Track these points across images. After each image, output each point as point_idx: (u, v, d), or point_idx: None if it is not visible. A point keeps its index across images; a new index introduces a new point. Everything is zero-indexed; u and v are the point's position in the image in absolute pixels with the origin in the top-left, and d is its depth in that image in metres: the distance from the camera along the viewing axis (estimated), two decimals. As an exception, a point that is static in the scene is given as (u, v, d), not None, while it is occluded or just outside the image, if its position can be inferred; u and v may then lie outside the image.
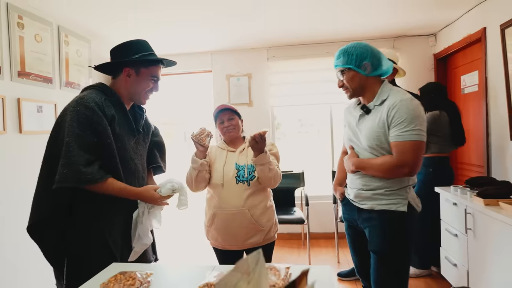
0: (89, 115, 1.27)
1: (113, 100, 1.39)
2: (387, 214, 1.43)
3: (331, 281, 1.11)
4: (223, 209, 1.78)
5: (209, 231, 1.88)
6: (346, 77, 1.50)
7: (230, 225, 1.78)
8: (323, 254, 3.46)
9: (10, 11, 2.30)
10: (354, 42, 1.50)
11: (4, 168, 2.25)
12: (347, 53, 1.48)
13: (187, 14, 2.76)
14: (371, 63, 1.45)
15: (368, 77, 1.48)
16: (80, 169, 1.22)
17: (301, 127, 5.96)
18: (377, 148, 1.42)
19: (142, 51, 1.44)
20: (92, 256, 1.31)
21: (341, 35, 3.61)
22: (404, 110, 1.34)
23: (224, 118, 1.89)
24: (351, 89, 1.51)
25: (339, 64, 1.51)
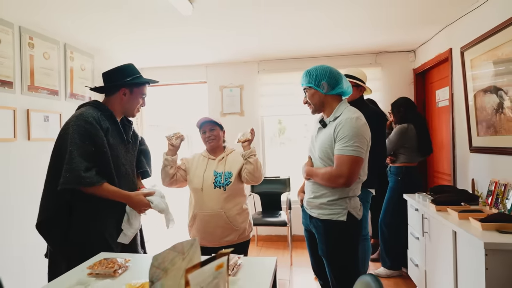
0: (88, 128, 1.54)
1: (107, 115, 1.66)
2: (329, 223, 1.66)
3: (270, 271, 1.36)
4: (202, 211, 2.04)
5: (191, 230, 2.14)
6: (308, 94, 1.75)
7: (208, 225, 2.04)
8: (305, 255, 3.68)
9: (22, 33, 2.62)
10: (317, 65, 1.75)
11: (14, 171, 2.55)
12: (309, 74, 1.73)
13: (185, 31, 3.04)
14: (327, 83, 1.69)
15: (326, 95, 1.71)
16: (81, 174, 1.48)
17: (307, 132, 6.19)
18: (325, 159, 1.67)
19: (134, 74, 1.76)
20: (94, 248, 1.56)
21: (327, 50, 3.87)
22: (347, 128, 1.58)
23: (206, 129, 2.16)
24: (312, 104, 1.75)
25: (303, 82, 1.76)
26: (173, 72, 4.40)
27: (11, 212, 2.51)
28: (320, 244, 1.72)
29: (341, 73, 1.75)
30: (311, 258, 1.95)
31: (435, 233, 2.24)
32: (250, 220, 2.22)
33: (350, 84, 1.76)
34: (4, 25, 2.46)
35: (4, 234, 2.46)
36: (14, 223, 2.54)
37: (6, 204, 2.48)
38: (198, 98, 4.62)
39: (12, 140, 2.51)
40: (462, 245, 1.85)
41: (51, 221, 1.57)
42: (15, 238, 2.55)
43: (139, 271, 1.38)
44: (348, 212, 1.64)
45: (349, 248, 1.67)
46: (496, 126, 2.29)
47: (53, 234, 1.58)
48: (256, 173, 2.03)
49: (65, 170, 1.48)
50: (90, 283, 1.25)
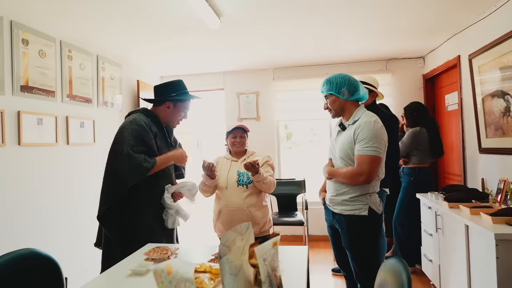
0: (140, 131, 1.79)
1: (155, 121, 1.92)
2: (352, 218, 1.83)
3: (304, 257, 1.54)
4: (227, 207, 2.25)
5: (216, 224, 2.35)
6: (329, 101, 1.92)
7: (233, 219, 2.24)
8: (321, 254, 3.86)
9: (63, 46, 2.86)
10: (336, 73, 1.93)
11: (56, 173, 2.78)
12: (329, 82, 1.91)
13: (208, 41, 3.26)
14: (348, 90, 1.87)
15: (346, 101, 1.89)
16: (142, 165, 1.73)
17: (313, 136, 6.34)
18: (346, 159, 1.85)
19: (180, 90, 2.00)
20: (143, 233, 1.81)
21: (339, 58, 4.07)
22: (366, 130, 1.75)
23: (237, 134, 2.37)
24: (333, 110, 1.93)
25: (324, 90, 1.94)
26: (192, 80, 4.61)
27: (55, 212, 2.73)
28: (343, 237, 1.90)
29: (358, 80, 1.93)
30: (335, 251, 2.12)
31: (448, 229, 2.40)
32: (270, 217, 2.41)
33: (366, 90, 1.94)
34: (48, 40, 2.71)
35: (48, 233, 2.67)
36: (59, 222, 2.75)
37: (51, 202, 2.70)
38: (216, 104, 4.84)
39: (54, 145, 2.74)
40: (474, 237, 2.01)
41: (109, 213, 1.79)
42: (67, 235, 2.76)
43: (187, 257, 1.57)
44: (369, 207, 1.82)
45: (371, 240, 1.84)
46: (504, 128, 2.45)
47: (110, 224, 1.80)
48: (263, 189, 2.25)
49: (131, 168, 1.72)
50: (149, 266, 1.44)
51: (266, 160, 2.38)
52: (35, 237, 2.55)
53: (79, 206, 2.97)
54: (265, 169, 2.31)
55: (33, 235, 2.53)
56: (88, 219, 2.92)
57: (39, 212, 2.60)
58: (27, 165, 2.50)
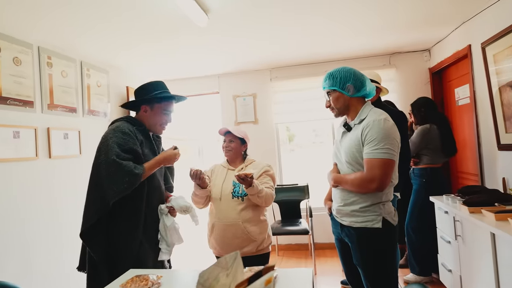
0: (126, 138, 1.62)
1: (141, 129, 1.74)
2: (363, 231, 1.59)
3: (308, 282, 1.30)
4: (220, 220, 2.02)
5: (210, 240, 2.12)
6: (332, 97, 1.68)
7: (226, 234, 2.02)
8: (329, 263, 3.61)
9: (41, 53, 2.66)
10: (339, 67, 1.70)
11: (38, 190, 2.56)
12: (332, 77, 1.66)
13: (198, 41, 3.04)
14: (353, 85, 1.63)
15: (351, 98, 1.66)
16: (134, 172, 1.55)
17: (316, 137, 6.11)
18: (353, 163, 1.61)
19: (156, 90, 1.77)
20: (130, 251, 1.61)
21: (339, 54, 3.84)
22: (375, 130, 1.52)
23: (226, 139, 2.18)
24: (336, 108, 1.69)
25: (326, 86, 1.70)
26: (185, 84, 4.42)
27: (37, 229, 2.51)
28: (355, 253, 1.66)
29: (363, 74, 1.70)
30: (344, 268, 1.87)
31: (470, 236, 2.15)
32: (269, 232, 2.16)
33: (373, 85, 1.71)
34: (24, 46, 2.51)
35: (31, 252, 2.46)
36: (42, 240, 2.53)
37: (31, 222, 2.48)
38: (211, 108, 4.62)
39: (34, 159, 2.53)
40: (503, 247, 1.76)
41: (93, 229, 1.59)
42: (43, 253, 2.54)
43: (172, 286, 1.34)
44: (383, 218, 1.58)
45: (387, 256, 1.60)
46: (526, 122, 2.21)
47: (95, 242, 1.60)
48: (259, 203, 2.01)
49: (120, 177, 1.52)
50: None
51: (265, 170, 2.14)
52: (16, 258, 2.33)
53: (64, 225, 2.75)
54: (263, 180, 2.08)
55: (14, 255, 2.32)
56: (73, 238, 2.66)
57: (20, 231, 2.38)
58: (3, 182, 2.28)
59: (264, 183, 2.06)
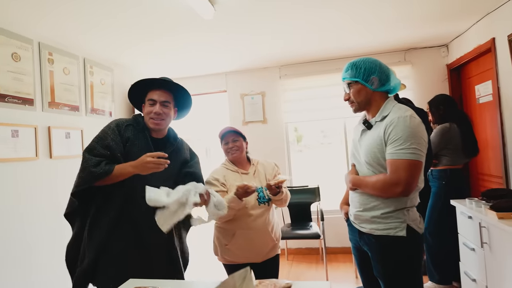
0: (108, 132, 1.54)
1: (137, 127, 1.60)
2: (386, 240, 1.43)
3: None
4: (247, 229, 1.87)
5: (224, 249, 1.93)
6: (353, 90, 1.52)
7: (253, 242, 1.89)
8: (341, 269, 3.44)
9: (42, 49, 2.56)
10: (363, 57, 1.55)
11: (38, 192, 2.46)
12: (355, 67, 1.51)
13: (205, 37, 2.92)
14: (379, 78, 1.48)
15: (374, 92, 1.50)
16: (91, 170, 1.42)
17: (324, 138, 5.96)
18: (374, 164, 1.45)
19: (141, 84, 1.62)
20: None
21: (351, 51, 3.68)
22: (400, 128, 1.36)
23: (229, 139, 1.99)
24: (357, 102, 1.53)
25: (347, 77, 1.54)
26: (191, 83, 4.29)
27: (39, 233, 2.41)
28: (375, 263, 1.50)
29: (389, 68, 1.55)
30: (362, 278, 1.71)
31: (498, 244, 1.97)
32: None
33: (399, 80, 1.55)
34: (23, 42, 2.41)
35: (32, 257, 2.36)
36: (44, 245, 2.43)
37: (31, 226, 2.38)
38: (219, 108, 4.49)
39: (34, 159, 2.43)
40: (540, 258, 1.59)
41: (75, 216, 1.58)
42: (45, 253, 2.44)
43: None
44: (408, 225, 1.42)
45: (411, 268, 1.44)
46: (561, 120, 2.02)
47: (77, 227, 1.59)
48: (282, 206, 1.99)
49: (79, 171, 1.47)
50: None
51: (276, 170, 2.06)
52: (17, 262, 2.23)
53: (66, 229, 2.62)
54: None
55: (15, 260, 2.22)
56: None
57: (20, 235, 2.28)
58: (1, 184, 2.19)
59: None
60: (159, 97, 1.58)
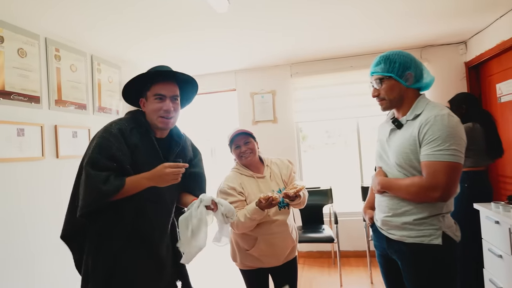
0: (111, 141, 1.29)
1: (141, 130, 1.38)
2: (419, 248, 1.32)
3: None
4: (269, 234, 1.79)
5: (245, 254, 1.84)
6: (385, 86, 1.41)
7: (276, 246, 1.83)
8: (355, 274, 3.32)
9: (49, 45, 2.48)
10: (395, 50, 1.43)
11: (44, 192, 2.37)
12: (389, 60, 1.39)
13: (215, 33, 2.82)
14: (414, 74, 1.37)
15: (408, 89, 1.39)
16: (100, 187, 1.22)
17: (328, 138, 5.86)
18: (406, 166, 1.34)
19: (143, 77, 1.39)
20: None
21: (365, 48, 3.56)
22: (438, 127, 1.25)
23: (241, 142, 1.84)
24: (388, 99, 1.41)
25: (378, 71, 1.42)
26: (200, 81, 4.16)
27: (43, 235, 2.33)
28: (407, 274, 1.39)
29: (422, 63, 1.44)
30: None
31: (531, 252, 1.85)
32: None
33: (433, 77, 1.44)
34: (30, 37, 2.32)
35: (36, 260, 2.27)
36: (47, 243, 2.35)
37: (36, 227, 2.29)
38: (228, 107, 4.40)
39: (40, 159, 2.34)
40: None
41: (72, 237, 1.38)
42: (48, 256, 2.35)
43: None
44: (443, 233, 1.31)
45: (447, 279, 1.32)
46: None
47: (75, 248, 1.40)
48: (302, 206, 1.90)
49: (85, 190, 1.24)
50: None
51: (291, 168, 1.95)
52: (19, 266, 2.14)
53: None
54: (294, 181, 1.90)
55: (17, 264, 2.13)
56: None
57: (24, 237, 2.19)
58: (4, 183, 2.10)
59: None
60: (168, 92, 1.38)
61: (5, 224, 2.08)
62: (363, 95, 3.72)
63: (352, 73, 3.76)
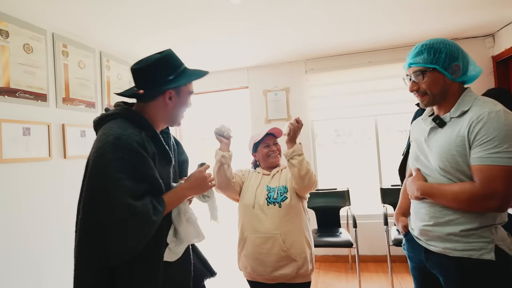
0: (135, 160, 1.06)
1: (149, 134, 1.16)
2: (466, 264, 1.15)
3: None
4: (253, 233, 1.68)
5: (240, 258, 1.76)
6: (427, 79, 1.24)
7: (260, 250, 1.65)
8: (375, 280, 3.16)
9: (56, 40, 2.37)
10: (438, 38, 1.26)
11: (51, 194, 2.28)
12: (433, 50, 1.21)
13: (227, 26, 2.69)
14: (461, 65, 1.21)
15: (452, 83, 1.23)
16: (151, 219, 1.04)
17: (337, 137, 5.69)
18: (451, 170, 1.18)
19: (178, 67, 1.25)
20: None
21: (384, 42, 3.38)
22: (493, 125, 1.08)
23: (270, 142, 1.86)
24: (432, 94, 1.25)
25: (420, 62, 1.25)
26: (211, 79, 4.06)
27: (51, 239, 2.23)
28: None
29: None
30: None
31: None
32: (313, 251, 1.76)
33: (480, 68, 1.27)
34: (36, 32, 2.22)
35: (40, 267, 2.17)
36: (51, 248, 2.25)
37: (43, 228, 2.19)
38: (239, 105, 4.26)
39: (46, 159, 2.24)
40: None
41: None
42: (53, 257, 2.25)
43: None
44: (496, 246, 1.14)
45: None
46: None
47: None
48: (301, 178, 1.63)
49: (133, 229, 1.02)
50: None
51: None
52: (25, 273, 2.04)
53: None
54: None
55: (23, 275, 2.03)
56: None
57: (29, 241, 2.10)
58: (9, 185, 2.00)
59: None
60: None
61: (9, 228, 1.99)
62: (382, 91, 3.54)
63: (371, 69, 3.58)
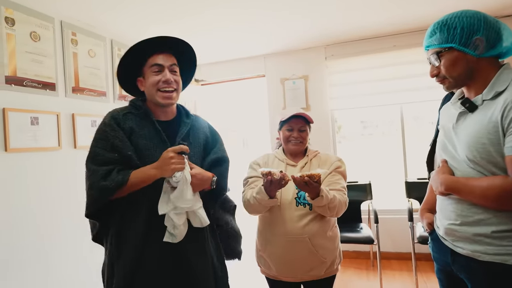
0: (106, 130, 1.21)
1: (138, 113, 1.27)
2: (499, 270, 0.99)
3: None
4: (279, 235, 1.52)
5: (261, 256, 1.63)
6: (445, 61, 1.08)
7: (287, 254, 1.51)
8: (397, 279, 2.97)
9: (64, 28, 2.34)
10: (457, 11, 1.08)
11: (61, 184, 2.27)
12: (446, 27, 1.06)
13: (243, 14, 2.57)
14: (486, 38, 1.03)
15: (479, 59, 1.05)
16: (101, 184, 1.13)
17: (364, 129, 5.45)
18: (482, 162, 1.00)
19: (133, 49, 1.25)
20: None
21: (412, 24, 3.11)
22: None
23: (295, 126, 1.61)
24: (451, 78, 1.09)
25: (434, 43, 1.10)
26: (226, 67, 3.96)
27: (61, 231, 2.23)
28: None
29: (499, 20, 1.07)
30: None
31: None
32: (340, 250, 1.65)
33: None
34: (44, 20, 2.19)
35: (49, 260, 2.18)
36: (62, 236, 2.25)
37: (53, 219, 2.20)
38: (256, 94, 4.13)
39: (56, 149, 2.23)
40: None
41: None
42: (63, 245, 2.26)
43: None
44: (533, 251, 0.96)
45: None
46: None
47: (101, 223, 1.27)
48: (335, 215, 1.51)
49: (88, 188, 1.18)
50: None
51: (336, 165, 1.60)
52: (32, 265, 2.05)
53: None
54: (333, 179, 1.55)
55: (32, 267, 2.04)
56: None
57: (39, 233, 2.10)
58: (18, 175, 2.00)
59: (334, 182, 1.53)
60: (165, 61, 1.24)
61: (18, 219, 1.99)
62: (408, 78, 3.29)
63: (396, 53, 3.33)
